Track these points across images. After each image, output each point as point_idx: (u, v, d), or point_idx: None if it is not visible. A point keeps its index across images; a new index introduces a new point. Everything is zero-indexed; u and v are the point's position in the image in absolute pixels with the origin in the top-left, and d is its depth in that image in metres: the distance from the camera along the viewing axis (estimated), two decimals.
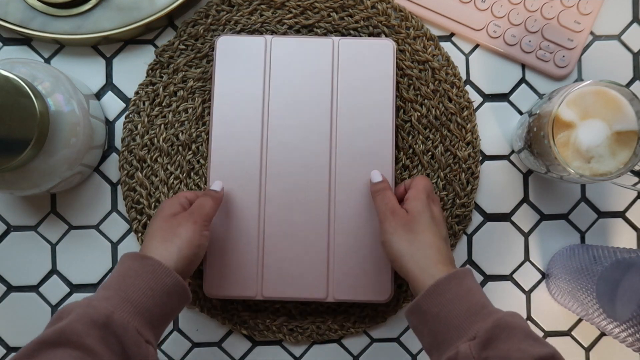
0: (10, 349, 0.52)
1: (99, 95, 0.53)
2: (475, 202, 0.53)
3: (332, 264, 0.49)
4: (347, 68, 0.50)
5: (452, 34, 0.53)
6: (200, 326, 0.53)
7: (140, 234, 0.52)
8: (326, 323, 0.52)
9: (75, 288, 0.53)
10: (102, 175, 0.53)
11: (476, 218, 0.54)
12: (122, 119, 0.52)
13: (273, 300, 0.50)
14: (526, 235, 0.54)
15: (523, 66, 0.54)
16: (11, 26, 0.50)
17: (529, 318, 0.54)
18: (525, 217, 0.54)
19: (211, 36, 0.52)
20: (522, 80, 0.54)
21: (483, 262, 0.54)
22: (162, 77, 0.52)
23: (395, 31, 0.52)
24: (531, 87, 0.54)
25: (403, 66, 0.52)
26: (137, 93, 0.52)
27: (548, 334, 0.54)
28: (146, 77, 0.52)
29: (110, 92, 0.53)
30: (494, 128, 0.54)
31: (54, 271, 0.52)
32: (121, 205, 0.53)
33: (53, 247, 0.52)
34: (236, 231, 0.49)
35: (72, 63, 0.53)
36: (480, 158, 0.53)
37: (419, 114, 0.52)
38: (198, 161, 0.52)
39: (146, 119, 0.52)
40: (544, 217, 0.54)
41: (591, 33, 0.54)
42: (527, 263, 0.54)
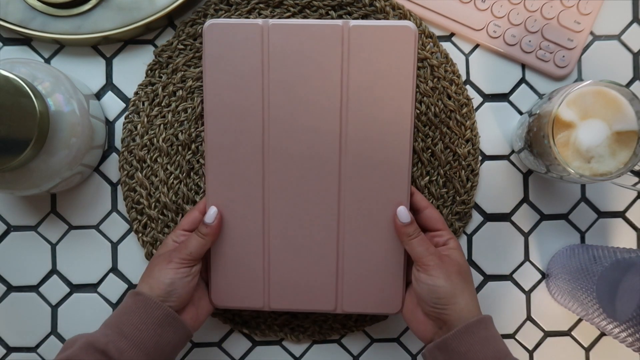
0: (10, 349, 0.52)
1: (99, 95, 0.53)
2: (475, 202, 0.53)
3: (341, 275, 0.47)
4: (360, 57, 0.43)
5: (452, 34, 0.53)
6: None
7: (140, 234, 0.52)
8: (328, 322, 0.52)
9: (75, 288, 0.53)
10: (102, 175, 0.53)
11: (476, 218, 0.54)
12: (122, 119, 0.52)
13: (280, 311, 0.49)
14: (526, 235, 0.54)
15: (523, 66, 0.54)
16: (11, 26, 0.50)
17: (529, 318, 0.54)
18: (525, 217, 0.54)
19: None
20: (522, 80, 0.54)
21: (483, 262, 0.54)
22: (161, 77, 0.52)
23: None
24: (531, 87, 0.54)
25: None
26: (137, 93, 0.52)
27: (548, 334, 0.54)
28: (145, 78, 0.52)
29: (110, 92, 0.53)
30: (494, 128, 0.54)
31: (54, 271, 0.52)
32: (121, 205, 0.53)
33: (53, 247, 0.52)
34: (240, 242, 0.46)
35: (72, 63, 0.53)
36: (479, 155, 0.53)
37: (418, 112, 0.52)
38: (198, 161, 0.52)
39: (146, 119, 0.52)
40: (544, 217, 0.54)
41: (591, 33, 0.54)
42: (527, 263, 0.54)
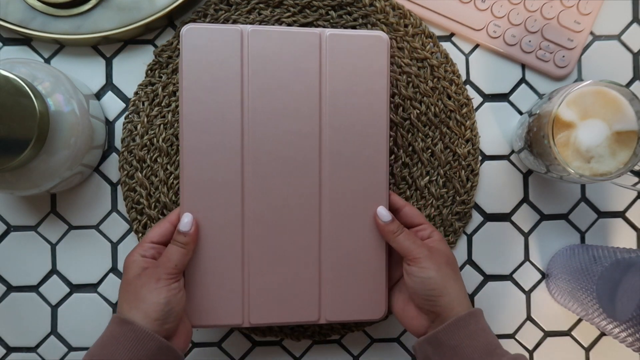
0: (10, 349, 0.52)
1: (99, 95, 0.53)
2: (475, 202, 0.53)
3: (324, 284, 0.45)
4: (337, 64, 0.44)
5: (452, 34, 0.53)
6: None
7: (140, 234, 0.52)
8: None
9: (75, 288, 0.53)
10: (102, 175, 0.53)
11: (476, 218, 0.54)
12: (122, 119, 0.52)
13: (261, 326, 0.47)
14: (526, 235, 0.54)
15: (523, 66, 0.54)
16: (11, 26, 0.50)
17: (529, 318, 0.54)
18: (525, 217, 0.54)
19: None
20: (522, 80, 0.54)
21: (483, 262, 0.54)
22: (161, 77, 0.52)
23: (393, 29, 0.52)
24: (531, 87, 0.54)
25: (402, 64, 0.52)
26: (137, 93, 0.52)
27: (548, 334, 0.54)
28: (145, 78, 0.52)
29: (110, 92, 0.53)
30: (494, 128, 0.54)
31: (54, 271, 0.52)
32: (121, 205, 0.53)
33: (53, 247, 0.52)
34: (217, 255, 0.44)
35: (72, 63, 0.53)
36: (479, 155, 0.53)
37: (418, 112, 0.52)
38: None
39: (145, 119, 0.52)
40: (544, 217, 0.54)
41: (591, 33, 0.54)
42: (527, 263, 0.54)
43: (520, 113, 0.54)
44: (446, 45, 0.53)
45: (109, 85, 0.53)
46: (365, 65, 0.45)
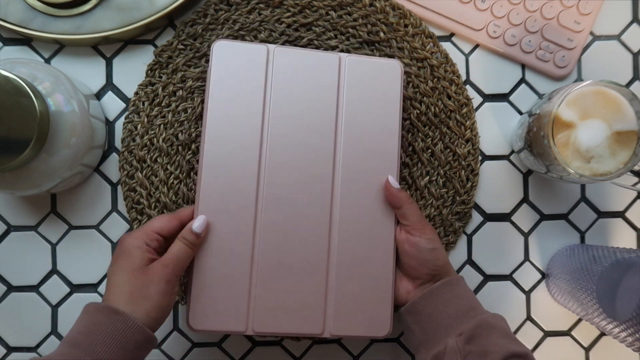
0: (10, 349, 0.52)
1: (99, 95, 0.53)
2: (475, 202, 0.53)
3: (330, 298, 0.46)
4: (353, 86, 0.47)
5: (452, 34, 0.53)
6: None
7: None
8: None
9: (75, 288, 0.53)
10: (102, 175, 0.53)
11: (476, 218, 0.54)
12: (122, 119, 0.52)
13: (265, 335, 0.47)
14: (526, 235, 0.54)
15: (523, 66, 0.54)
16: (11, 26, 0.50)
17: (529, 318, 0.54)
18: (525, 217, 0.54)
19: (209, 35, 0.52)
20: (522, 80, 0.54)
21: (483, 262, 0.54)
22: (161, 77, 0.52)
23: (393, 29, 0.52)
24: (531, 87, 0.54)
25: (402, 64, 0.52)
26: (137, 93, 0.52)
27: (548, 334, 0.54)
28: (145, 78, 0.52)
29: (110, 92, 0.53)
30: (494, 128, 0.54)
31: (54, 271, 0.52)
32: (121, 205, 0.53)
33: (53, 247, 0.52)
34: (226, 259, 0.45)
35: (72, 63, 0.53)
36: (479, 155, 0.53)
37: (418, 112, 0.52)
38: (198, 161, 0.52)
39: (146, 119, 0.52)
40: (544, 217, 0.54)
41: (591, 33, 0.54)
42: (527, 263, 0.54)
43: (520, 113, 0.54)
44: (446, 45, 0.53)
45: (109, 85, 0.53)
46: (379, 89, 0.47)
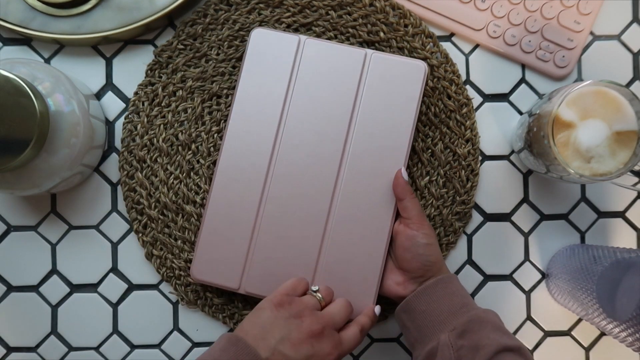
0: (10, 349, 0.52)
1: (99, 95, 0.53)
2: (475, 202, 0.53)
3: (318, 273, 0.48)
4: (374, 82, 0.49)
5: (452, 34, 0.53)
6: (200, 326, 0.53)
7: (140, 234, 0.52)
8: None
9: (75, 288, 0.53)
10: (102, 175, 0.53)
11: (476, 218, 0.54)
12: (122, 119, 0.52)
13: (253, 296, 0.49)
14: (526, 235, 0.54)
15: (523, 66, 0.54)
16: (11, 26, 0.50)
17: (529, 318, 0.54)
18: (525, 217, 0.54)
19: (209, 35, 0.52)
20: (522, 80, 0.54)
21: (483, 262, 0.54)
22: (161, 77, 0.52)
23: (393, 29, 0.52)
24: (531, 87, 0.54)
25: None
26: (137, 93, 0.52)
27: (548, 334, 0.54)
28: (145, 78, 0.52)
29: (110, 92, 0.53)
30: (494, 128, 0.54)
31: (54, 271, 0.52)
32: (121, 205, 0.53)
33: (53, 247, 0.52)
34: (232, 224, 0.49)
35: (72, 63, 0.53)
36: (479, 155, 0.53)
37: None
38: (198, 161, 0.52)
39: (145, 120, 0.52)
40: (544, 217, 0.54)
41: (591, 33, 0.54)
42: (527, 263, 0.54)
43: (520, 113, 0.54)
44: (446, 45, 0.53)
45: (109, 85, 0.53)
46: (399, 87, 0.49)
